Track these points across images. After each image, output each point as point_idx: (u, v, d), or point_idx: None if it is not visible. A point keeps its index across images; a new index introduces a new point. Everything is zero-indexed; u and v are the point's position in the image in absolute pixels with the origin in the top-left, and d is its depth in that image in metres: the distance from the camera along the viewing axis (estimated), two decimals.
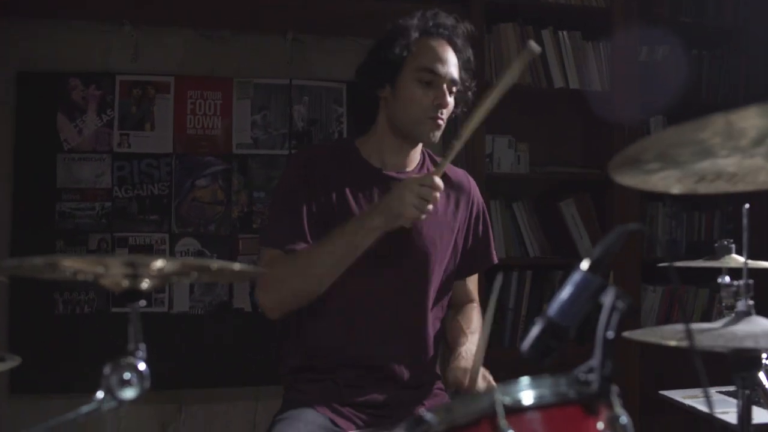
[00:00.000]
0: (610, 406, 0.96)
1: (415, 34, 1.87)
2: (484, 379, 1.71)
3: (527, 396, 0.93)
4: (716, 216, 3.63)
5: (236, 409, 3.33)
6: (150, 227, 3.31)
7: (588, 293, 0.98)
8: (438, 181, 1.71)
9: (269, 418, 1.84)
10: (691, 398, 2.13)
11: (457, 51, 1.91)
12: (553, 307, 1.00)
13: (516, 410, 0.91)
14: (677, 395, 2.19)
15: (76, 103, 3.28)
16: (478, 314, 2.02)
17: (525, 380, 0.94)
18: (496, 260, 2.07)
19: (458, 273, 2.00)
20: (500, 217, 3.39)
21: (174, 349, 3.22)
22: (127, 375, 0.95)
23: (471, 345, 1.83)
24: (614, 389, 0.96)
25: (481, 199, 2.06)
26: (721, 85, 3.67)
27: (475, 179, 2.16)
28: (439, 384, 1.94)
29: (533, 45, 1.71)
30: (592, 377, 0.94)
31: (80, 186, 3.27)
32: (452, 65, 1.87)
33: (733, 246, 1.77)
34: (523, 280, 3.32)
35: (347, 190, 1.85)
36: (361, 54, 3.43)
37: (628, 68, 3.44)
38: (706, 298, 3.47)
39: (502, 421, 0.88)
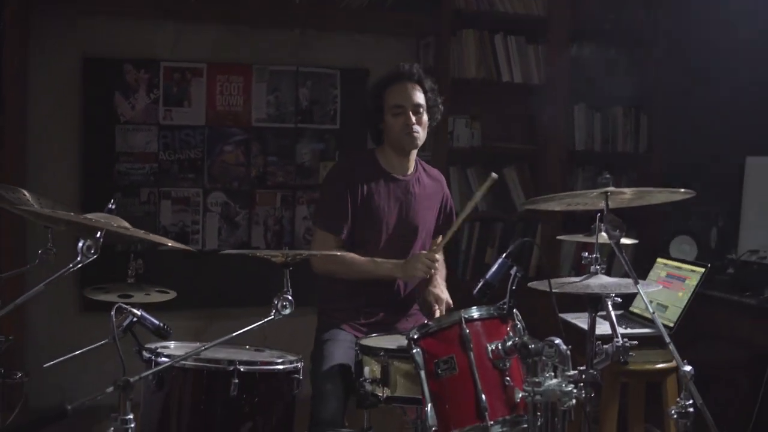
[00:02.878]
0: (514, 321, 2.02)
1: (383, 88, 2.81)
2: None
3: (474, 313, 1.98)
4: (623, 179, 4.68)
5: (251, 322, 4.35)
6: (188, 183, 4.26)
7: (505, 267, 2.04)
8: (438, 258, 2.73)
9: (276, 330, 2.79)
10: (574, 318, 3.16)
11: (419, 83, 2.85)
12: (489, 274, 2.06)
13: (469, 320, 1.97)
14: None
15: (129, 85, 4.17)
16: (442, 262, 3.06)
17: (474, 308, 2.00)
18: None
19: (435, 234, 3.02)
20: (457, 181, 4.41)
21: (205, 279, 4.17)
22: (285, 303, 1.96)
23: (440, 279, 2.88)
24: (515, 312, 2.02)
25: (447, 190, 3.07)
26: (633, 78, 4.66)
27: (438, 151, 3.22)
28: (415, 307, 2.98)
29: (493, 175, 2.70)
30: (505, 306, 2.01)
31: (133, 151, 4.19)
32: (412, 96, 2.80)
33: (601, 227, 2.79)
34: (473, 229, 4.39)
35: (373, 188, 2.81)
36: (353, 46, 4.49)
37: (560, 66, 4.43)
38: None
39: (464, 325, 1.94)
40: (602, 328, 2.51)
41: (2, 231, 3.72)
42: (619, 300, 2.48)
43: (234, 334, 2.02)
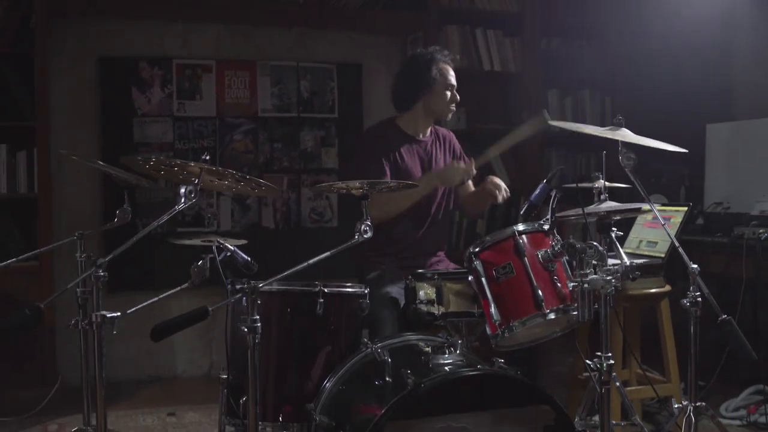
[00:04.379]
0: (555, 235, 2.45)
1: (441, 64, 3.26)
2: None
3: (523, 227, 2.41)
4: (591, 157, 5.21)
5: None
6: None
7: (546, 191, 2.48)
8: (473, 169, 3.17)
9: None
10: None
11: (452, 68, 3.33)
12: (532, 196, 2.49)
13: (520, 233, 2.39)
14: None
15: (144, 80, 4.50)
16: None
17: (521, 224, 2.43)
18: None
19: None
20: None
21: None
22: (365, 227, 2.34)
23: None
24: (555, 228, 2.45)
25: (458, 143, 3.51)
26: (596, 65, 5.20)
27: None
28: (441, 253, 3.39)
29: (545, 114, 3.16)
30: (547, 224, 2.44)
31: (150, 141, 4.52)
32: (455, 78, 3.29)
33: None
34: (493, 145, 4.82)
35: (400, 149, 3.23)
36: (347, 43, 4.88)
37: (533, 56, 4.94)
38: None
39: (517, 236, 2.37)
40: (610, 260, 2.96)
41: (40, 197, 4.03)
42: (621, 233, 2.95)
43: (314, 259, 2.36)
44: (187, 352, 4.66)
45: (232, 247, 2.55)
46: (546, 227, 2.45)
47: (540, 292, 2.34)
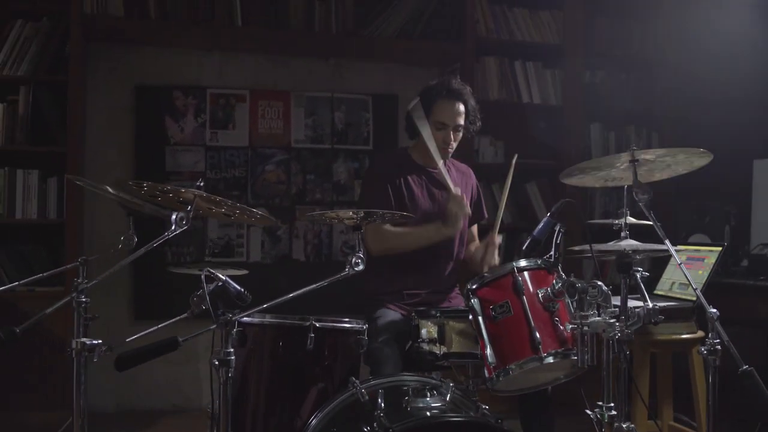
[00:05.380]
0: (559, 272, 2.30)
1: (435, 97, 3.11)
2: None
3: (524, 263, 2.27)
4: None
5: None
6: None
7: (550, 225, 2.33)
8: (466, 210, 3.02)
9: None
10: None
11: (463, 103, 3.17)
12: (536, 231, 2.35)
13: (520, 269, 2.25)
14: None
15: (178, 109, 4.52)
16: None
17: (523, 259, 2.28)
18: (486, 215, 3.39)
19: (469, 223, 3.30)
20: (483, 194, 4.67)
21: (250, 288, 4.46)
22: (358, 260, 2.23)
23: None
24: (559, 265, 2.30)
25: (476, 181, 3.37)
26: (642, 100, 5.01)
27: None
28: (456, 290, 3.25)
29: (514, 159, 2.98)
30: (550, 259, 2.29)
31: (182, 170, 4.52)
32: (457, 116, 3.11)
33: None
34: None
35: (409, 180, 3.10)
36: (383, 74, 4.78)
37: (575, 88, 4.78)
38: None
39: (516, 273, 2.22)
40: (633, 303, 2.78)
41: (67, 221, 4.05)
42: (647, 274, 2.77)
43: (306, 288, 2.28)
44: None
45: (223, 277, 2.47)
46: (549, 263, 2.31)
47: (537, 334, 2.19)
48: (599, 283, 2.14)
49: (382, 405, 2.04)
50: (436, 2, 4.60)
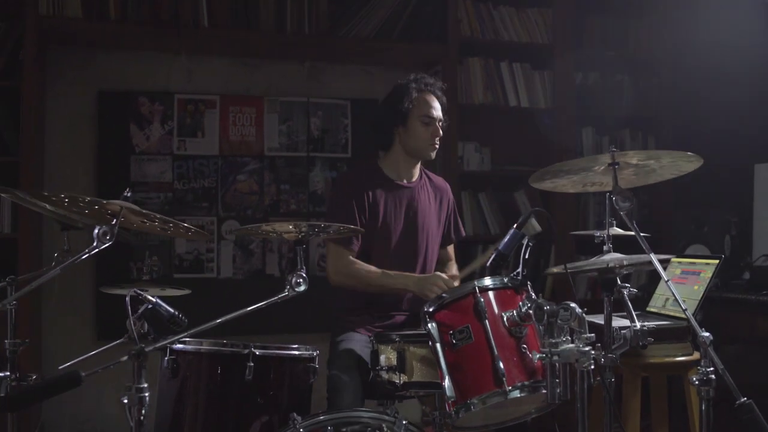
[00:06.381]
0: (528, 291, 2.02)
1: (413, 93, 2.86)
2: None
3: (488, 283, 1.99)
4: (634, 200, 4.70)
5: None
6: (202, 212, 4.30)
7: (517, 238, 2.05)
8: (452, 286, 2.62)
9: None
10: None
11: (438, 99, 2.92)
12: (501, 245, 2.07)
13: (483, 289, 1.97)
14: None
15: (144, 116, 4.26)
16: (455, 267, 3.07)
17: (487, 278, 2.00)
18: (464, 233, 3.11)
19: (442, 243, 3.03)
20: (469, 205, 4.44)
21: (220, 305, 4.20)
22: (299, 280, 1.96)
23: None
24: (528, 283, 2.02)
25: (452, 196, 3.09)
26: (637, 103, 4.73)
27: (449, 176, 3.21)
28: None
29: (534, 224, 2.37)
30: (518, 278, 2.01)
31: (148, 180, 4.25)
32: (438, 109, 2.88)
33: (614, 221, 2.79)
34: (486, 251, 4.39)
35: (378, 195, 2.83)
36: (362, 77, 4.52)
37: (566, 90, 4.51)
38: None
39: (478, 294, 1.94)
40: (620, 322, 2.51)
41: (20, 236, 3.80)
42: (635, 291, 2.48)
43: (246, 309, 2.03)
44: None
45: (154, 299, 2.21)
46: (516, 282, 2.02)
47: (501, 364, 1.91)
48: (572, 305, 1.86)
49: None
50: (416, 0, 4.33)
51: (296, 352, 2.26)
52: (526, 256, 2.02)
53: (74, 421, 4.09)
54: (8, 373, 2.02)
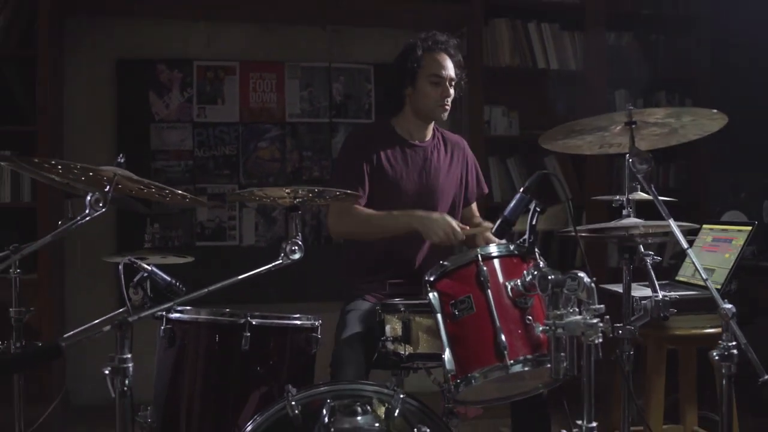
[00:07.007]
0: (535, 259, 1.90)
1: (420, 52, 2.73)
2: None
3: (492, 250, 1.87)
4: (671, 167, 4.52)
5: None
6: (223, 180, 4.24)
7: (524, 203, 1.93)
8: (461, 238, 2.49)
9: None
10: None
11: (451, 57, 2.77)
12: (507, 210, 1.95)
13: (486, 257, 1.86)
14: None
15: (163, 84, 4.20)
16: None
17: (492, 245, 1.89)
18: (486, 190, 2.98)
19: (465, 201, 2.90)
20: (497, 171, 4.30)
21: (243, 272, 4.15)
22: (294, 247, 1.88)
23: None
24: (536, 250, 1.90)
25: (471, 153, 2.94)
26: (673, 64, 4.52)
27: (475, 141, 3.06)
28: None
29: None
30: (524, 245, 1.89)
31: (169, 148, 4.21)
32: (450, 68, 2.74)
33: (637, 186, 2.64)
34: None
35: (389, 155, 2.72)
36: (385, 41, 4.38)
37: (597, 52, 4.32)
38: None
39: (480, 262, 1.83)
40: (643, 291, 2.39)
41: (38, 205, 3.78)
42: (659, 258, 2.35)
43: (240, 276, 1.95)
44: None
45: (149, 268, 2.13)
46: (522, 250, 1.91)
47: (503, 337, 1.80)
48: (580, 274, 1.74)
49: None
50: None
51: (297, 322, 2.17)
52: (534, 222, 1.90)
53: (98, 388, 4.09)
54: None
